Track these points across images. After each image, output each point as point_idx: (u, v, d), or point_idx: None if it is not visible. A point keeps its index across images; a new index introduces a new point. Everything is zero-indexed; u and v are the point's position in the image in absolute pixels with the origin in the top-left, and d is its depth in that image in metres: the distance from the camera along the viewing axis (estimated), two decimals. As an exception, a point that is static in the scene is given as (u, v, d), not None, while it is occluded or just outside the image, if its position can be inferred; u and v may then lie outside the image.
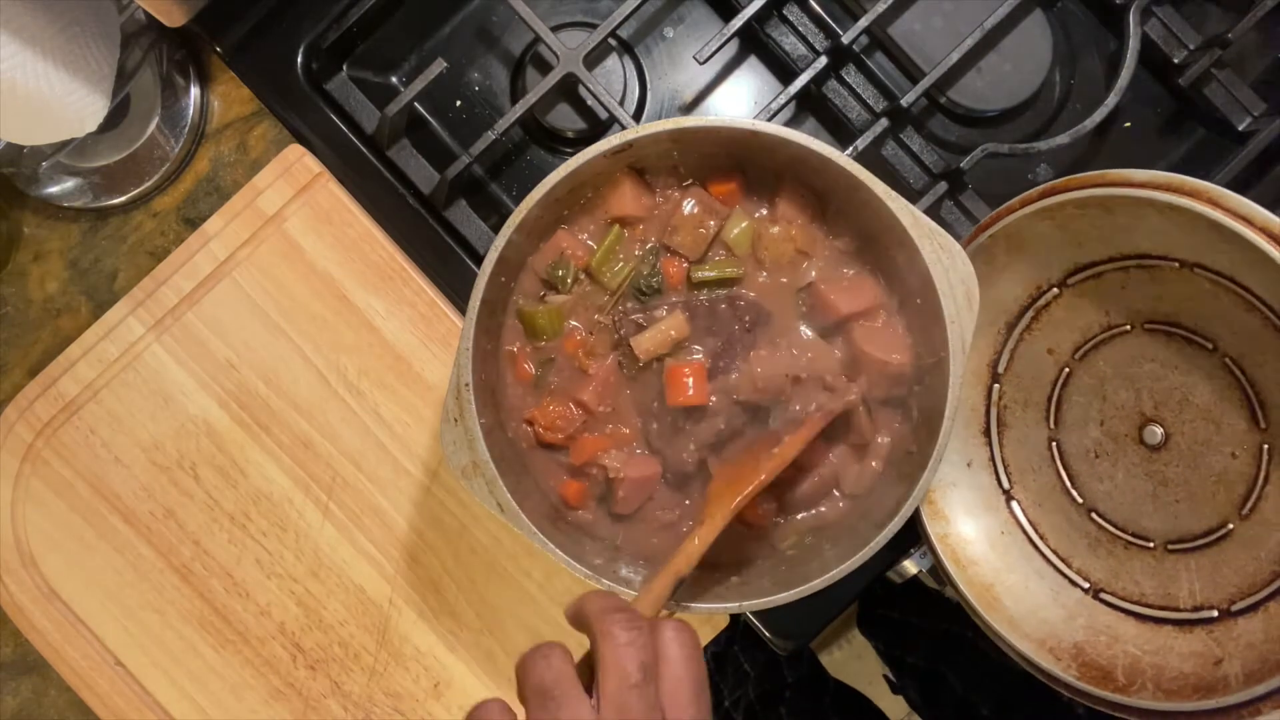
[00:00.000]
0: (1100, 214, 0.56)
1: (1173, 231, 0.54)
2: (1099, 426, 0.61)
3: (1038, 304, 0.62)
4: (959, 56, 0.66)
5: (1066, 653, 0.58)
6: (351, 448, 0.71)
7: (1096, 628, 0.59)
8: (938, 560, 0.62)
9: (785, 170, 0.57)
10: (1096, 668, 0.57)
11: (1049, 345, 0.62)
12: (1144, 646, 0.57)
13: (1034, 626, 0.59)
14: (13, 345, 0.76)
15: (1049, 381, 0.62)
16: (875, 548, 0.52)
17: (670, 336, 0.56)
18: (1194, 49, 0.69)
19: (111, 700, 0.71)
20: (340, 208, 0.71)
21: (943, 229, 0.53)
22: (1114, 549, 0.60)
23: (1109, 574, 0.60)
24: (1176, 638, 0.56)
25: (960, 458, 0.64)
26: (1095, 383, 0.61)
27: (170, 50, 0.74)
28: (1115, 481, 0.60)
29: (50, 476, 0.71)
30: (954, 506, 0.63)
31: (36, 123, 0.67)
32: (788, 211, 0.58)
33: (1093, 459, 0.61)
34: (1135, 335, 0.59)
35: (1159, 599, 0.58)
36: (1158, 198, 0.52)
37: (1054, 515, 0.62)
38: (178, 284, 0.71)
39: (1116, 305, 0.59)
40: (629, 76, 0.73)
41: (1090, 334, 0.61)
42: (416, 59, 0.75)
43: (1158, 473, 0.59)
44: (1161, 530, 0.59)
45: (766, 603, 0.53)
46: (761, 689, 1.20)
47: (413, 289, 0.71)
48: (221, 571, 0.71)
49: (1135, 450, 0.60)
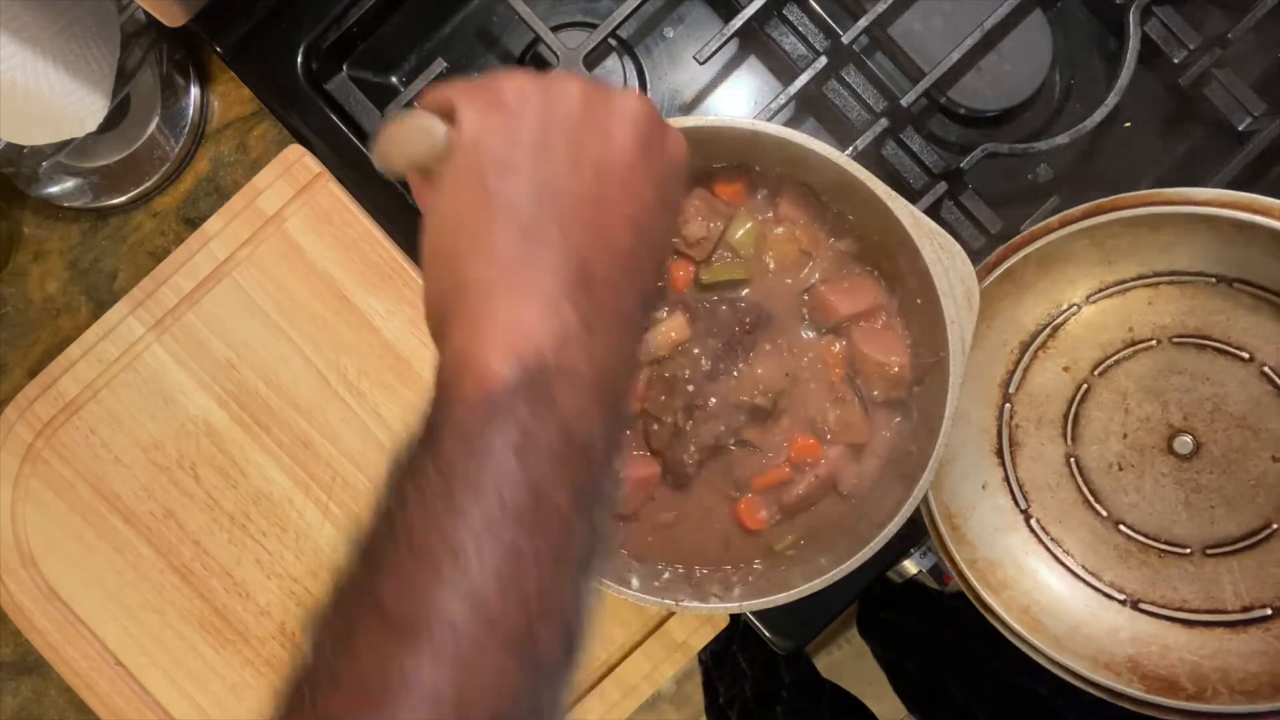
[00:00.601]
0: (1145, 231, 0.55)
1: (1222, 248, 0.54)
2: (1121, 440, 0.60)
3: (1055, 321, 0.61)
4: (959, 56, 0.66)
5: (1123, 666, 0.57)
6: (351, 448, 0.71)
7: (1143, 639, 0.58)
8: (970, 588, 0.60)
9: (787, 170, 0.57)
10: (1158, 678, 0.56)
11: (1065, 363, 0.61)
12: (1199, 652, 0.56)
13: (1080, 644, 0.58)
14: (13, 345, 0.76)
15: (1065, 399, 0.62)
16: (875, 548, 0.52)
17: (670, 338, 0.56)
18: (1194, 49, 0.69)
19: (111, 700, 0.71)
20: (340, 208, 0.71)
21: (943, 229, 0.53)
22: (1147, 558, 0.60)
23: (1145, 584, 0.59)
24: (1231, 639, 0.56)
25: (975, 480, 0.63)
26: (1117, 397, 0.60)
27: (170, 50, 0.74)
28: (1142, 493, 0.60)
29: (50, 476, 0.71)
30: (975, 529, 0.62)
31: (36, 123, 0.67)
32: (790, 212, 0.58)
33: (1116, 472, 0.60)
34: (1162, 349, 0.58)
35: (1203, 603, 0.57)
36: (1224, 215, 0.52)
37: (1078, 530, 0.62)
38: (178, 284, 0.71)
39: (1141, 320, 0.59)
40: (629, 76, 0.73)
41: (1111, 350, 0.60)
42: (416, 59, 0.75)
43: (1189, 480, 0.58)
44: (1197, 536, 0.58)
45: (766, 603, 0.53)
46: (758, 688, 1.20)
47: (413, 289, 0.71)
48: (221, 571, 0.71)
49: (1164, 461, 0.59)
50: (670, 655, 0.70)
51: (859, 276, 0.58)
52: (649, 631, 0.70)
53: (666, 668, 0.70)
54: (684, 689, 1.63)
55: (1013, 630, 0.59)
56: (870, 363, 0.56)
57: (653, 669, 0.70)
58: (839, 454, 0.59)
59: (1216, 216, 0.52)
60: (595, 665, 0.70)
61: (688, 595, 0.54)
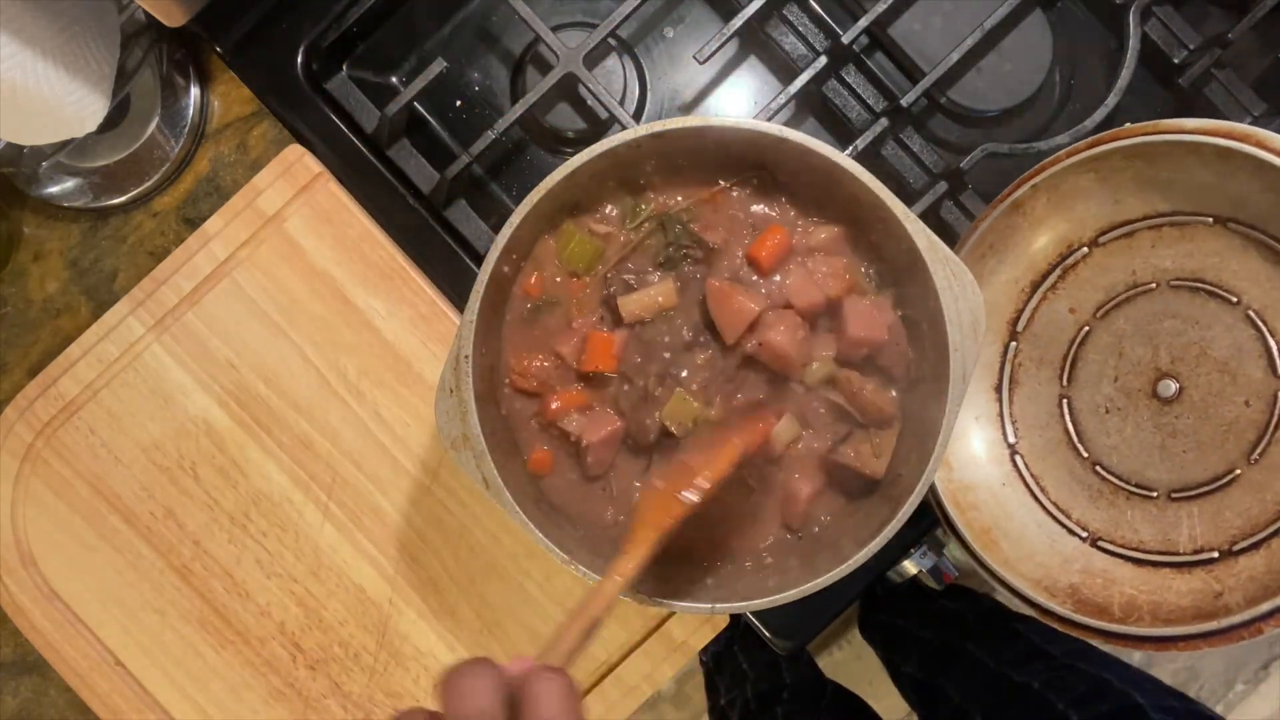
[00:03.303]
0: (1143, 165, 0.58)
1: (1213, 183, 0.56)
2: (1113, 383, 0.62)
3: (1066, 263, 0.63)
4: (959, 56, 0.66)
5: (1063, 592, 0.60)
6: (351, 448, 0.71)
7: (1093, 572, 0.60)
8: (938, 504, 0.63)
9: (810, 178, 0.57)
10: (1092, 604, 0.59)
11: (1071, 304, 0.63)
12: (1140, 587, 0.59)
13: (1030, 568, 0.61)
14: (13, 345, 0.76)
15: (1067, 340, 0.63)
16: (855, 564, 0.52)
17: (657, 303, 0.56)
18: (1194, 49, 0.69)
19: (111, 700, 0.71)
20: (340, 208, 0.71)
21: (957, 257, 0.53)
22: (1115, 500, 0.62)
23: (1108, 524, 0.62)
24: (1174, 578, 0.58)
25: (969, 411, 0.65)
26: (1113, 340, 0.62)
27: (170, 50, 0.74)
28: (1124, 435, 0.62)
29: (50, 476, 0.71)
30: (959, 456, 0.64)
31: (36, 123, 0.67)
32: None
33: (1103, 415, 0.62)
34: (1160, 292, 0.60)
35: (1158, 545, 0.60)
36: (1207, 142, 0.54)
37: (1057, 470, 0.64)
38: (178, 284, 0.71)
39: (1145, 264, 0.61)
40: (629, 76, 0.73)
41: (1115, 292, 0.62)
42: (416, 59, 0.75)
43: (1168, 425, 0.60)
44: (1166, 480, 0.60)
45: (766, 603, 0.53)
46: (759, 689, 1.20)
47: (413, 289, 0.71)
48: (221, 571, 0.71)
49: (1147, 405, 0.61)
50: (670, 655, 0.70)
51: (877, 299, 0.58)
52: (649, 631, 0.70)
53: (666, 668, 0.70)
54: (684, 689, 1.63)
55: (967, 546, 0.62)
56: (865, 396, 0.56)
57: (653, 669, 0.70)
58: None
59: (1203, 145, 0.54)
60: (595, 665, 0.70)
61: (688, 596, 0.54)
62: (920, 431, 0.55)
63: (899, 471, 0.56)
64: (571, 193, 0.56)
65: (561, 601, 0.70)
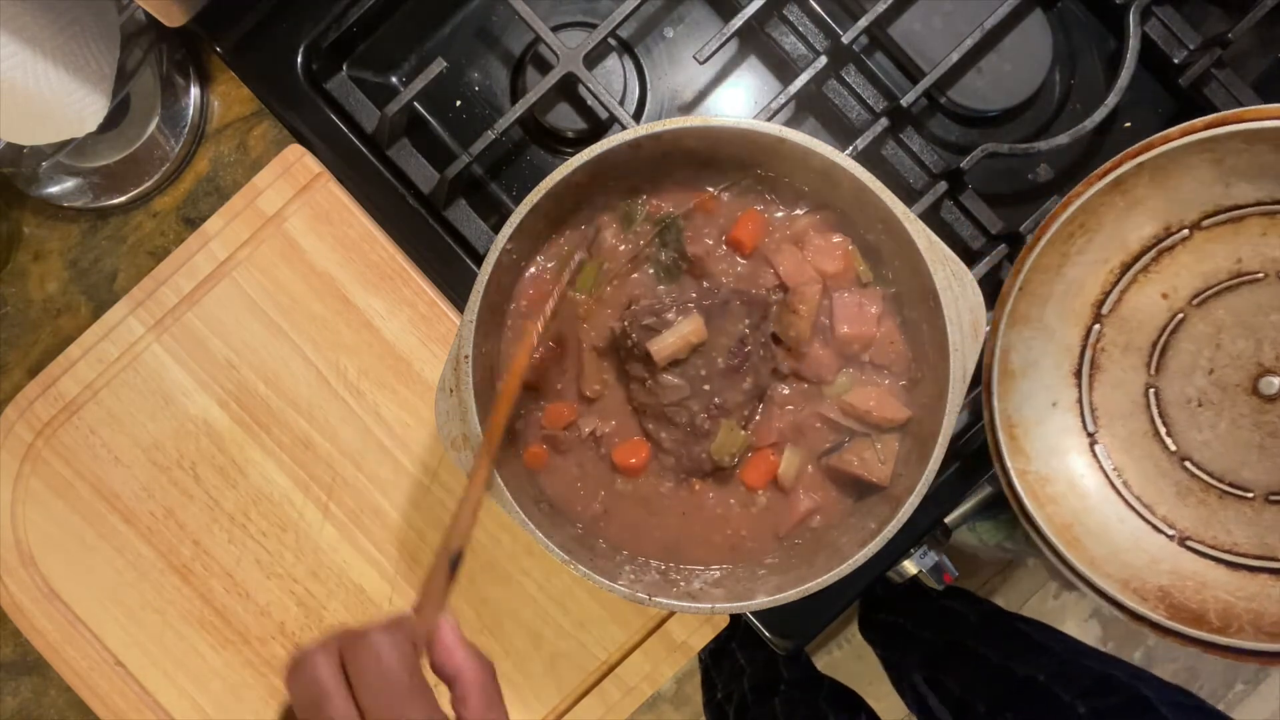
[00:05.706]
0: (1267, 150, 0.54)
1: None
2: (1206, 375, 0.59)
3: (1163, 244, 0.59)
4: (959, 56, 0.66)
5: (1153, 595, 0.57)
6: (351, 448, 0.71)
7: (1183, 573, 0.57)
8: (1015, 497, 0.59)
9: (810, 181, 0.57)
10: (1187, 610, 0.56)
11: (1165, 289, 0.60)
12: (1237, 593, 0.56)
13: (1116, 568, 0.58)
14: (13, 345, 0.76)
15: (1157, 327, 0.60)
16: (855, 564, 0.52)
17: (689, 342, 0.56)
18: (1194, 49, 0.69)
19: (111, 700, 0.71)
20: (340, 208, 0.71)
21: (956, 256, 0.53)
22: (1206, 498, 0.59)
23: (1198, 523, 0.59)
24: (1274, 586, 0.55)
25: (1045, 398, 0.61)
26: (1210, 330, 0.59)
27: (170, 50, 0.74)
28: (1217, 431, 0.59)
29: (50, 476, 0.71)
30: (1035, 444, 0.61)
31: (36, 123, 0.67)
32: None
33: (1194, 408, 0.59)
34: (1267, 284, 0.57)
35: (1255, 549, 0.57)
36: None
37: (1142, 462, 0.61)
38: (178, 284, 0.71)
39: (1252, 252, 0.57)
40: (629, 76, 0.73)
41: (1216, 280, 0.58)
42: (416, 59, 0.75)
43: (1269, 424, 0.58)
44: (1264, 481, 0.58)
45: (766, 603, 0.53)
46: (756, 683, 1.20)
47: (413, 289, 0.71)
48: (221, 571, 0.71)
49: (1246, 401, 0.58)
50: (670, 655, 0.70)
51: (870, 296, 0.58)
52: (649, 631, 0.70)
53: (666, 668, 0.70)
54: (684, 689, 1.63)
55: (1049, 543, 0.58)
56: (869, 411, 0.56)
57: (653, 669, 0.70)
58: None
59: None
60: (595, 665, 0.70)
61: (686, 597, 0.54)
62: (920, 432, 0.55)
63: (899, 472, 0.56)
64: (570, 195, 0.56)
65: (562, 601, 0.70)
